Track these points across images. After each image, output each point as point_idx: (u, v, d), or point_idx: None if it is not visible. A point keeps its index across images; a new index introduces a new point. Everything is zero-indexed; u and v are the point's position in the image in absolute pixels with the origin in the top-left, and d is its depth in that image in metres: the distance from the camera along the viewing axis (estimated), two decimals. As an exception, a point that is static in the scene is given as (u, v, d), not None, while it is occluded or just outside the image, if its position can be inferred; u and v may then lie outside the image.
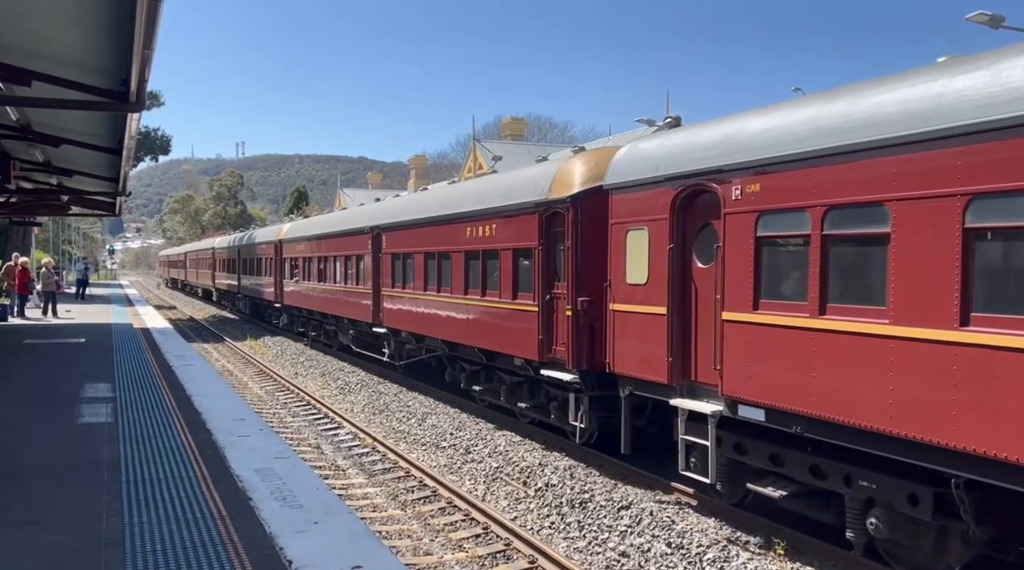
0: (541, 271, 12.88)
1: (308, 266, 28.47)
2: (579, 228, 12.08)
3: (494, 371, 15.47)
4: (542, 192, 12.85)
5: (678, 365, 10.06)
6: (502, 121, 77.96)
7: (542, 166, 13.98)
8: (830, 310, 7.87)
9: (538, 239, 12.95)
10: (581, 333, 11.97)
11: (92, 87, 10.76)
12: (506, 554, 9.22)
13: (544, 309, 12.84)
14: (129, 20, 7.89)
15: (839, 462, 8.20)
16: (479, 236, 15.12)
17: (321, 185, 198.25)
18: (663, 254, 10.21)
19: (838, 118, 7.84)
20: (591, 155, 12.85)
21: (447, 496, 11.30)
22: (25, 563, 5.32)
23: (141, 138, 34.30)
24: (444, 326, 16.73)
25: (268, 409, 17.83)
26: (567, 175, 12.48)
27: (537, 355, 12.98)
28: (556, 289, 12.66)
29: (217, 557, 5.38)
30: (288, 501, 6.64)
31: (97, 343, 18.99)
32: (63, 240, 75.60)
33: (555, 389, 13.20)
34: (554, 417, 13.47)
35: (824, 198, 7.87)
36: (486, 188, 15.63)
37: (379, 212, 22.06)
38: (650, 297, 10.47)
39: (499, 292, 14.32)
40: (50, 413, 10.33)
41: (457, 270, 16.05)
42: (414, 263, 18.53)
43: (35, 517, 6.22)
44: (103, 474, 7.40)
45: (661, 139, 10.84)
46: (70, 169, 19.62)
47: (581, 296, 11.94)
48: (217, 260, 49.95)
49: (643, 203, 10.65)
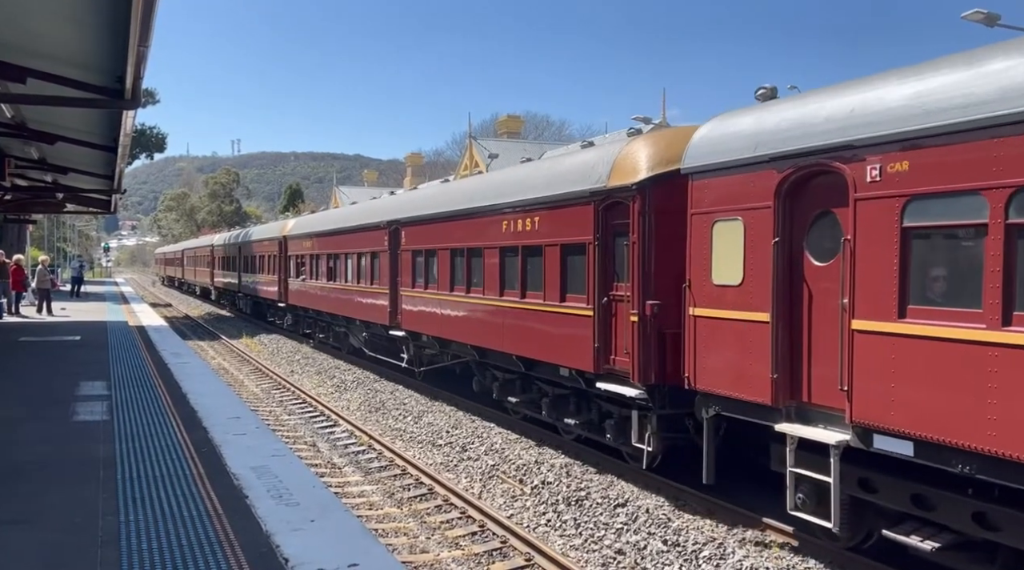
0: (597, 270, 11.32)
1: (316, 264, 26.91)
2: (647, 220, 10.46)
3: (532, 381, 13.97)
4: (599, 180, 11.29)
5: (784, 383, 8.41)
6: (498, 119, 77.88)
7: (596, 151, 12.27)
8: (1017, 320, 6.30)
9: (593, 233, 11.38)
10: (649, 342, 10.39)
11: (87, 84, 10.75)
12: (502, 552, 9.23)
13: (601, 313, 11.25)
14: (124, 17, 7.88)
15: (1019, 510, 6.56)
16: (518, 230, 13.55)
17: (317, 183, 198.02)
18: (764, 249, 8.61)
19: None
20: (660, 136, 11.33)
21: (443, 494, 11.31)
22: (21, 561, 5.31)
23: (136, 135, 34.20)
24: (474, 330, 15.20)
25: (264, 407, 17.81)
26: (631, 159, 10.88)
27: (592, 366, 11.40)
28: (616, 290, 11.10)
29: (213, 555, 5.37)
30: (284, 499, 6.63)
31: (92, 341, 18.94)
32: (58, 238, 75.43)
33: (612, 405, 11.64)
34: (610, 437, 11.78)
35: (1008, 177, 6.29)
36: (527, 177, 13.89)
37: (397, 206, 20.33)
38: (747, 301, 8.87)
39: (543, 293, 12.77)
40: (45, 411, 10.30)
41: (491, 269, 14.50)
42: (438, 261, 16.95)
43: (30, 515, 6.20)
44: (99, 472, 7.38)
45: (759, 113, 9.15)
46: (65, 166, 19.60)
47: (650, 299, 10.35)
48: (216, 257, 48.49)
49: (736, 189, 9.05)
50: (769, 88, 9.67)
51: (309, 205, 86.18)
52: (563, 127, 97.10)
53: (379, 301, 20.53)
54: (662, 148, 10.73)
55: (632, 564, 8.77)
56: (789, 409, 8.45)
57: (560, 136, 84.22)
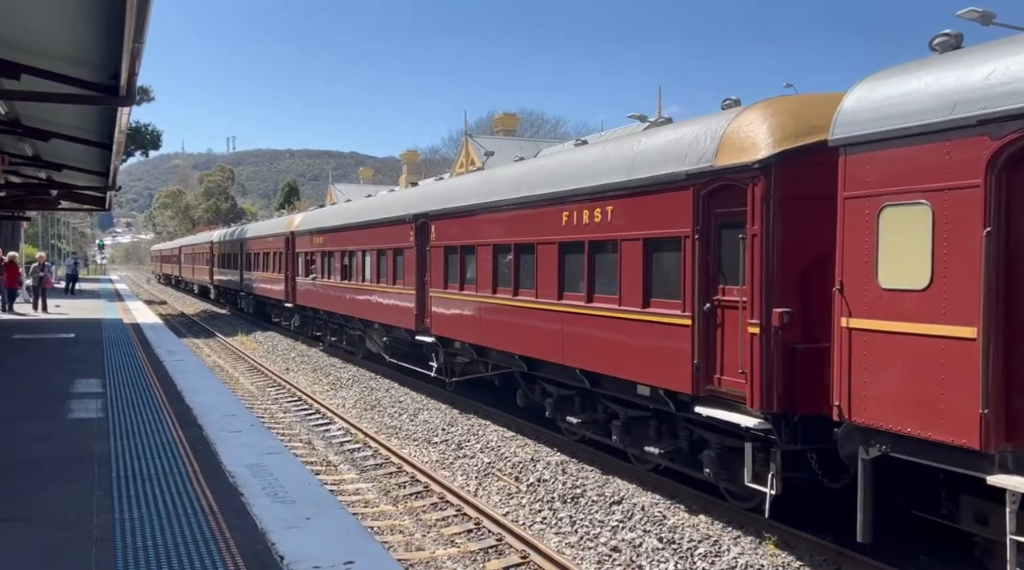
0: (697, 270, 9.35)
1: (328, 261, 24.98)
2: (774, 207, 8.44)
3: (597, 399, 12.05)
4: (701, 159, 9.34)
5: (999, 421, 6.44)
6: (494, 116, 77.92)
7: (695, 125, 9.97)
8: None
9: (693, 224, 9.40)
10: (775, 359, 8.38)
11: (82, 81, 10.72)
12: (498, 549, 9.23)
13: (702, 323, 9.30)
14: (119, 13, 7.85)
15: None
16: (584, 223, 11.59)
17: (312, 180, 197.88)
18: (968, 243, 6.61)
19: None
20: (785, 103, 9.15)
21: (439, 491, 11.30)
22: (15, 560, 5.29)
23: (131, 132, 34.11)
24: (523, 338, 13.30)
25: (259, 405, 17.79)
26: (748, 132, 8.88)
27: (689, 386, 9.44)
28: (723, 295, 9.14)
29: (208, 553, 5.36)
30: (280, 497, 6.62)
31: (87, 338, 18.89)
32: (52, 235, 75.22)
33: (711, 434, 9.72)
34: (710, 473, 9.78)
35: None
36: (595, 160, 11.71)
37: (426, 197, 18.31)
38: (937, 311, 6.85)
39: (618, 298, 10.83)
40: (40, 408, 10.27)
41: (546, 267, 12.55)
42: (478, 258, 14.97)
43: (24, 513, 6.18)
44: (93, 470, 7.36)
45: (946, 66, 7.13)
46: (60, 163, 19.55)
47: (778, 306, 8.37)
48: (216, 255, 46.72)
49: (919, 163, 7.06)
50: (953, 34, 7.58)
51: (305, 203, 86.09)
52: (559, 125, 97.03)
53: (403, 303, 18.63)
54: (793, 116, 8.73)
55: (628, 562, 8.77)
56: (1005, 455, 6.42)
57: (556, 134, 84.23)
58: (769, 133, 8.66)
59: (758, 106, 9.19)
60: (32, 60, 10.27)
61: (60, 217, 76.66)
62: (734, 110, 9.53)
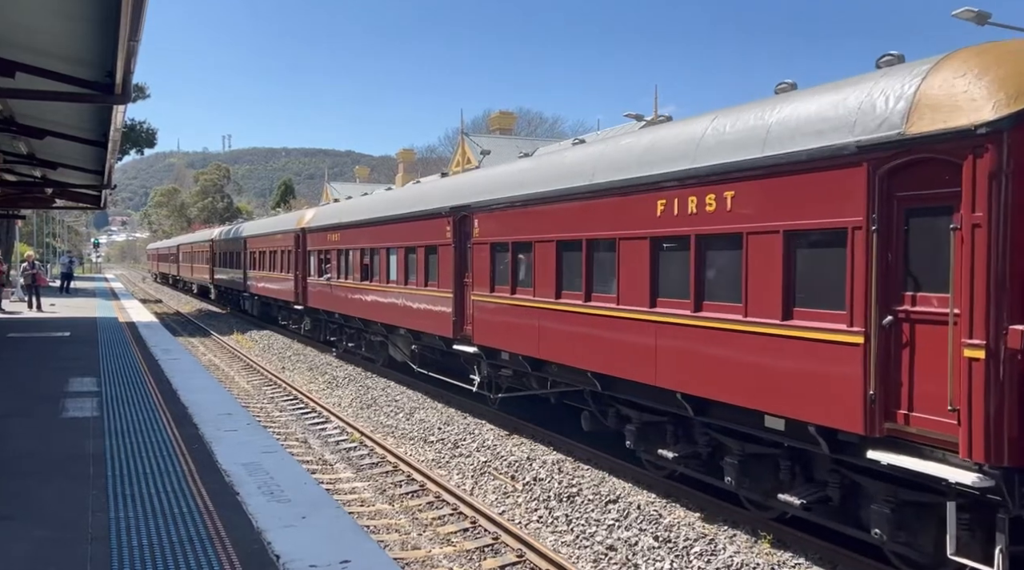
0: (874, 271, 7.25)
1: (345, 260, 22.91)
2: (1007, 186, 6.41)
3: (697, 427, 10.17)
4: (883, 125, 7.23)
5: None
6: (491, 115, 77.83)
7: (857, 85, 7.85)
8: None
9: (866, 211, 7.29)
10: (1004, 394, 6.41)
11: (77, 79, 10.70)
12: (494, 548, 9.23)
13: (882, 341, 7.22)
14: (115, 11, 7.84)
15: None
16: (689, 212, 9.43)
17: (308, 179, 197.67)
18: None
19: None
20: (1007, 48, 7.02)
21: (435, 490, 11.30)
22: (10, 558, 5.28)
23: (126, 131, 34.05)
24: (597, 352, 11.17)
25: (255, 403, 17.76)
26: (962, 86, 6.75)
27: (862, 424, 7.30)
28: (915, 304, 7.07)
29: (204, 552, 5.36)
30: (276, 496, 6.62)
31: (82, 337, 18.85)
32: (47, 233, 75.05)
33: (882, 484, 7.64)
34: (883, 536, 7.57)
35: None
36: (704, 135, 9.50)
37: (466, 187, 15.99)
38: None
39: (743, 307, 8.65)
40: (34, 407, 10.26)
41: (632, 268, 10.44)
42: (536, 257, 12.73)
43: (19, 512, 6.18)
44: (89, 469, 7.35)
45: None
46: (54, 161, 19.50)
47: (1014, 321, 6.39)
48: (217, 253, 44.54)
49: None
50: None
51: (301, 201, 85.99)
52: (556, 124, 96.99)
53: (437, 307, 16.43)
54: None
55: (623, 560, 8.79)
56: None
57: (553, 132, 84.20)
58: (997, 87, 6.54)
59: (970, 53, 7.04)
60: (27, 58, 10.24)
61: (55, 215, 76.53)
62: (927, 61, 7.33)
